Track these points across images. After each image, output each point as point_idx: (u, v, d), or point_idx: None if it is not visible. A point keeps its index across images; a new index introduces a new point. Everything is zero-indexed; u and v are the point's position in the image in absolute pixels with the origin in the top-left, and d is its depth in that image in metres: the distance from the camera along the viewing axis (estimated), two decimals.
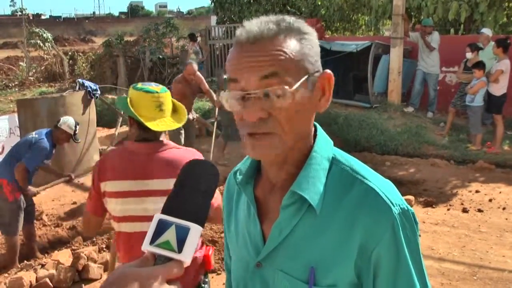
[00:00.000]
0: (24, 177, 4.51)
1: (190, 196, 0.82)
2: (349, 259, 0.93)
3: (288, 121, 0.92)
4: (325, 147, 1.02)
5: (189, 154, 2.18)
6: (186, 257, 0.77)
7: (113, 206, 2.15)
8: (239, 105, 0.91)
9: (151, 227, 0.80)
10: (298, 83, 0.90)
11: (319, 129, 1.04)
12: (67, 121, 4.82)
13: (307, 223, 0.97)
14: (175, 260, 0.77)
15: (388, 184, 0.99)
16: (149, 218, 1.85)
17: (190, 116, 6.74)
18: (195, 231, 0.79)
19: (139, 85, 2.21)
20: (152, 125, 2.11)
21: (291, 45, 0.92)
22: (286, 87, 0.89)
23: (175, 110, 2.28)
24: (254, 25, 0.93)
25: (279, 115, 0.91)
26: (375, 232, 0.92)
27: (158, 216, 0.80)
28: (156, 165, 2.12)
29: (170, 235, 0.78)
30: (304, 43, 0.94)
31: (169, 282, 0.75)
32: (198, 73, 6.94)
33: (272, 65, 0.89)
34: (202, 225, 0.81)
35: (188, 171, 0.86)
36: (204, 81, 7.07)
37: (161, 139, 2.21)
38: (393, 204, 0.93)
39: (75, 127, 4.85)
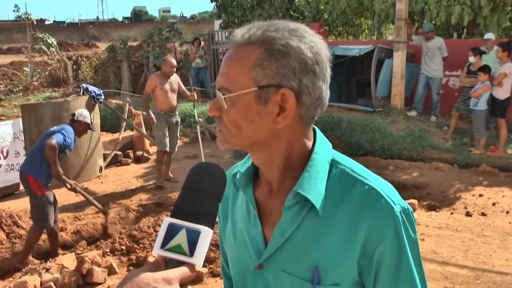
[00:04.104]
0: (55, 153, 4.63)
1: (199, 199, 0.82)
2: (352, 258, 0.96)
3: (233, 126, 0.97)
4: (324, 149, 1.05)
5: None
6: (198, 260, 0.77)
7: None
8: None
9: (161, 231, 0.79)
10: (235, 94, 0.95)
11: (318, 132, 1.07)
12: (81, 113, 5.13)
13: (309, 224, 0.99)
14: (187, 263, 0.77)
15: (387, 185, 1.02)
16: None
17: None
18: (206, 234, 0.78)
19: None
20: None
21: (249, 55, 0.95)
22: (220, 93, 0.96)
23: None
24: (238, 31, 0.99)
25: (224, 118, 0.98)
26: (378, 230, 0.94)
27: (168, 219, 0.79)
28: None
29: (181, 239, 0.77)
30: (268, 56, 0.93)
31: (181, 286, 0.75)
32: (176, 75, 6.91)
33: (229, 71, 0.97)
34: (212, 227, 0.81)
35: (196, 174, 0.85)
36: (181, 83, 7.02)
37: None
38: (394, 204, 0.96)
39: (90, 116, 5.19)
